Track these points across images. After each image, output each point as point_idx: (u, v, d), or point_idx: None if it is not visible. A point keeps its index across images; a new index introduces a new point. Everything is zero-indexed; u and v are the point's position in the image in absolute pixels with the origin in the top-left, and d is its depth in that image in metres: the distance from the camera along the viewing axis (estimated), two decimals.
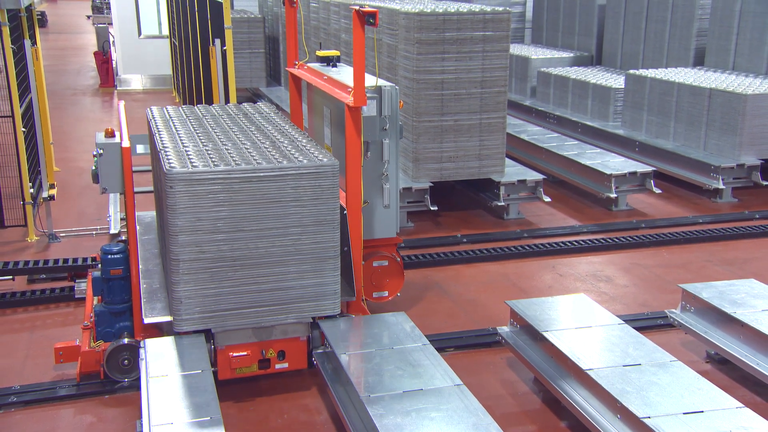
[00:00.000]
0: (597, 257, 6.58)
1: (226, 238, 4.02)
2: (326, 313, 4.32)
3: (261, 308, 4.17)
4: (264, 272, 4.12)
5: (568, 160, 8.17)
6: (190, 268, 4.00)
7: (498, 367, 4.75)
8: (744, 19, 8.79)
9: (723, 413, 3.40)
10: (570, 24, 12.30)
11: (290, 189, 4.07)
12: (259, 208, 4.05)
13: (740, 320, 4.33)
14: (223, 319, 4.13)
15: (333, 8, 9.00)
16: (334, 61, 5.43)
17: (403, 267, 5.21)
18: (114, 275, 4.44)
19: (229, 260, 4.05)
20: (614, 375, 3.75)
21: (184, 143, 4.48)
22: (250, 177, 4.00)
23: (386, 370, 3.86)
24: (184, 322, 4.10)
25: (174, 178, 3.91)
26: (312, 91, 5.63)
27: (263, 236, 4.07)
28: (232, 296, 4.11)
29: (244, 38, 12.19)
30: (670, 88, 8.60)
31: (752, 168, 7.79)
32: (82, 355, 4.38)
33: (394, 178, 4.94)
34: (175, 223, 3.95)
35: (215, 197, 3.96)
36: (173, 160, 4.09)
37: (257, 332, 4.24)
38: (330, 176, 4.13)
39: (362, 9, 4.32)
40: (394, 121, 4.83)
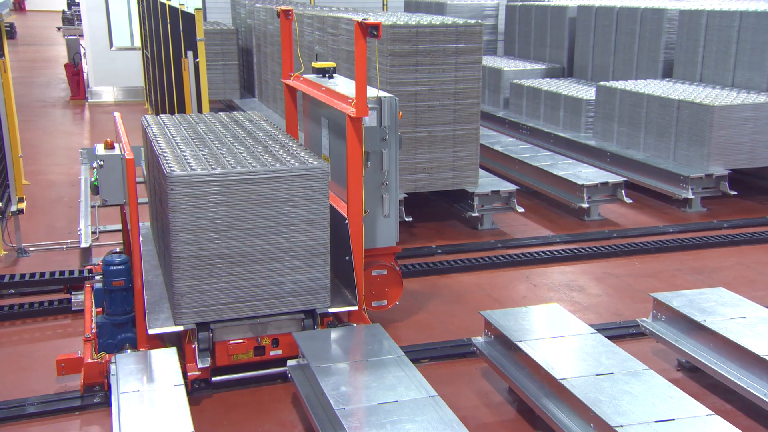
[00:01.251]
0: (570, 267, 6.64)
1: (224, 236, 4.27)
2: (317, 307, 4.55)
3: (256, 302, 4.42)
4: (259, 268, 4.38)
5: (541, 170, 8.25)
6: (189, 265, 4.25)
7: (473, 377, 4.76)
8: (710, 32, 8.97)
9: (693, 421, 3.44)
10: (542, 36, 12.45)
11: (283, 190, 4.33)
12: (254, 208, 4.30)
13: (710, 328, 4.39)
14: (220, 312, 4.37)
15: (306, 20, 9.02)
16: (331, 73, 5.52)
17: (402, 276, 5.26)
18: (116, 287, 4.54)
19: (226, 257, 4.30)
20: (587, 384, 3.78)
21: (182, 148, 4.70)
22: (246, 179, 4.25)
23: (361, 381, 3.85)
24: (184, 316, 4.31)
25: (175, 180, 4.15)
26: (309, 103, 5.69)
27: (258, 234, 4.33)
28: (229, 291, 4.36)
29: (218, 50, 12.16)
30: (640, 100, 8.74)
31: (720, 178, 7.92)
32: (86, 366, 4.41)
33: (393, 188, 5.06)
34: (176, 222, 4.18)
35: (213, 198, 4.22)
36: (173, 164, 4.31)
37: (253, 327, 4.46)
38: (320, 178, 4.39)
39: (365, 21, 4.43)
40: (394, 132, 4.94)
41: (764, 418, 4.15)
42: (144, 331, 4.41)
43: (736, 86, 8.68)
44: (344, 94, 4.81)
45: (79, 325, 5.39)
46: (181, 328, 4.34)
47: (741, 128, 7.89)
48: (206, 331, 4.37)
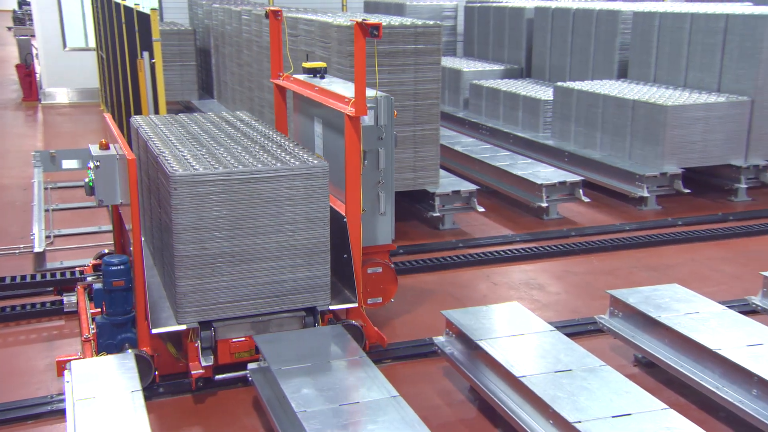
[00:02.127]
0: (530, 266, 6.71)
1: (226, 235, 4.31)
2: (317, 304, 4.60)
3: (258, 300, 4.47)
4: (260, 266, 4.43)
5: (501, 170, 8.33)
6: (192, 264, 4.28)
7: (435, 377, 4.78)
8: (663, 33, 9.17)
9: (649, 415, 3.51)
10: (500, 37, 12.57)
11: (285, 189, 4.38)
12: (256, 207, 4.35)
13: (664, 324, 4.48)
14: (222, 311, 4.41)
15: (265, 21, 8.95)
16: (322, 73, 5.56)
17: (396, 273, 5.32)
18: (116, 287, 4.54)
19: (229, 256, 4.34)
20: (546, 381, 3.83)
21: (179, 149, 4.71)
22: (248, 178, 4.30)
23: (322, 383, 3.84)
24: (187, 314, 4.34)
25: (178, 180, 4.17)
26: (300, 102, 5.69)
27: (259, 233, 4.38)
28: (230, 289, 4.40)
29: (175, 51, 11.99)
30: (596, 100, 8.89)
31: (674, 176, 8.10)
32: None
33: (389, 186, 5.10)
34: (179, 222, 4.21)
35: (216, 197, 4.26)
36: (174, 164, 4.33)
37: (255, 326, 4.50)
38: (321, 176, 4.45)
39: (365, 21, 4.45)
40: (390, 131, 4.98)
41: (717, 411, 4.25)
42: (145, 331, 4.42)
43: (689, 86, 8.89)
44: (340, 93, 4.84)
45: (74, 326, 5.34)
46: (184, 327, 4.36)
47: (693, 127, 8.08)
48: (209, 329, 4.39)
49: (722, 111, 8.12)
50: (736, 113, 8.17)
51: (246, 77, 10.17)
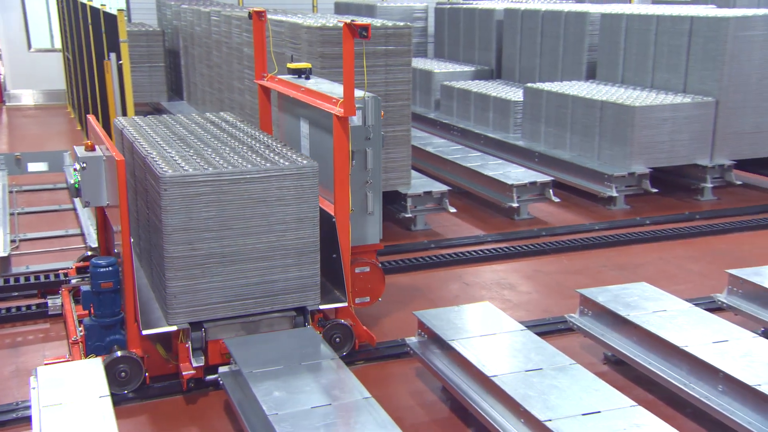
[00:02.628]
0: (501, 266, 6.76)
1: (216, 235, 4.32)
2: (307, 304, 4.62)
3: (248, 300, 4.49)
4: (250, 267, 4.45)
5: (472, 171, 8.37)
6: (182, 265, 4.29)
7: (407, 378, 4.79)
8: (630, 35, 9.29)
9: (618, 412, 3.55)
10: (470, 39, 12.64)
11: (275, 189, 4.40)
12: (246, 208, 4.37)
13: (633, 322, 4.54)
14: (213, 311, 4.41)
15: (235, 22, 8.89)
16: (307, 73, 5.57)
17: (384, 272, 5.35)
18: (105, 288, 4.52)
19: (219, 256, 4.35)
20: (517, 380, 3.85)
21: (166, 150, 4.72)
22: (238, 179, 4.31)
23: (294, 386, 3.82)
24: (177, 315, 4.34)
25: (168, 181, 4.17)
26: (285, 103, 5.70)
27: (250, 233, 4.40)
28: (221, 290, 4.41)
29: (143, 52, 11.86)
30: (565, 101, 8.98)
31: (642, 176, 8.21)
32: None
33: (377, 186, 5.13)
34: (169, 223, 4.21)
35: (206, 198, 4.26)
36: (163, 165, 4.33)
37: (246, 326, 4.51)
38: (310, 177, 4.48)
39: (354, 22, 4.49)
40: (377, 131, 5.01)
41: (684, 407, 4.32)
42: (134, 333, 4.41)
43: (656, 87, 9.02)
44: (328, 94, 4.87)
45: (59, 329, 5.32)
46: (175, 328, 4.35)
47: (660, 128, 8.20)
48: (199, 330, 4.39)
49: (688, 111, 8.25)
50: (702, 114, 8.31)
51: (216, 79, 10.09)
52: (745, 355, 4.08)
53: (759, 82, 8.41)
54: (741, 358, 4.05)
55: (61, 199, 8.47)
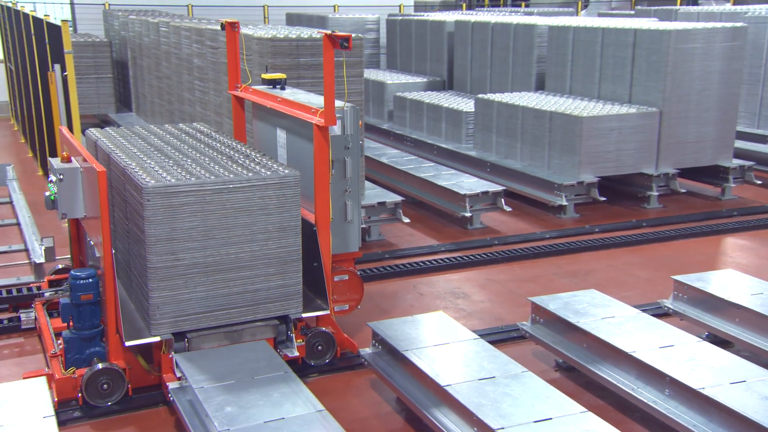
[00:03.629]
0: (455, 275, 6.81)
1: (199, 245, 4.33)
2: (290, 313, 4.64)
3: (231, 310, 4.50)
4: (234, 276, 4.46)
5: (426, 181, 8.43)
6: (165, 275, 4.29)
7: (361, 389, 4.78)
8: (576, 47, 9.50)
9: (569, 419, 3.60)
10: (422, 50, 12.75)
11: (257, 199, 4.42)
12: (229, 217, 4.38)
13: (583, 329, 4.62)
14: (196, 321, 4.41)
15: (184, 33, 8.80)
16: (283, 84, 5.63)
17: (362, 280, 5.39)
18: (85, 300, 4.52)
19: (202, 266, 4.36)
20: (471, 389, 3.88)
21: (145, 160, 4.72)
22: (221, 189, 4.33)
23: (246, 400, 3.77)
24: (161, 326, 4.33)
25: (150, 191, 4.18)
26: (260, 112, 5.73)
27: (233, 243, 4.42)
28: (204, 300, 4.42)
29: (90, 63, 11.64)
30: (516, 112, 9.12)
31: (591, 185, 8.38)
32: (58, 382, 4.41)
33: (356, 194, 5.16)
34: (152, 233, 4.21)
35: (189, 208, 4.27)
36: (144, 175, 4.33)
37: (229, 335, 4.51)
38: (292, 186, 4.51)
39: (334, 33, 4.53)
40: (356, 140, 5.05)
41: (633, 412, 4.41)
42: (116, 344, 4.42)
43: (602, 98, 9.23)
44: (306, 104, 4.92)
45: (34, 343, 5.29)
46: (158, 339, 4.35)
47: (607, 138, 8.39)
48: (182, 340, 4.38)
49: (633, 122, 8.47)
50: (646, 124, 8.54)
51: (166, 90, 9.96)
52: (690, 359, 4.19)
53: (700, 93, 8.68)
54: (686, 362, 4.15)
55: (4, 213, 8.22)
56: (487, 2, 29.38)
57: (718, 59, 8.65)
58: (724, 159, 9.02)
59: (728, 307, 4.96)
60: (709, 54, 8.59)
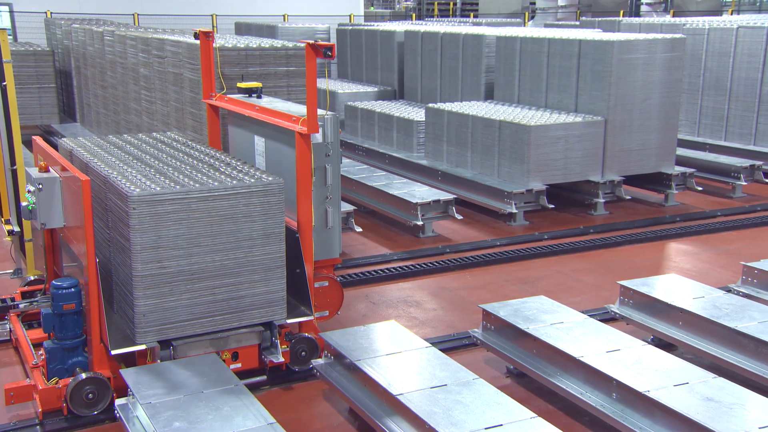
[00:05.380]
0: (407, 283, 6.83)
1: (185, 253, 4.35)
2: (275, 319, 4.68)
3: (216, 317, 4.52)
4: (219, 283, 4.49)
5: (377, 190, 8.44)
6: (151, 283, 4.29)
7: (313, 400, 4.74)
8: (524, 57, 9.67)
9: (519, 425, 3.64)
10: (373, 60, 12.80)
11: (242, 206, 4.46)
12: (214, 225, 4.41)
13: (532, 335, 4.68)
14: (182, 329, 4.42)
15: (130, 42, 8.65)
16: (259, 93, 5.76)
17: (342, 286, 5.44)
18: (67, 310, 4.51)
19: (187, 274, 4.38)
20: (422, 398, 3.89)
21: (127, 169, 4.72)
22: (206, 196, 4.36)
23: (195, 415, 3.71)
24: (146, 334, 4.34)
25: (136, 200, 4.18)
26: (237, 120, 5.77)
27: (218, 250, 4.45)
28: (189, 307, 4.43)
29: (31, 72, 11.36)
30: (466, 121, 9.22)
31: (539, 193, 8.52)
32: (41, 393, 4.39)
33: (336, 201, 5.21)
34: (137, 241, 4.22)
35: (175, 216, 4.28)
36: (128, 184, 4.33)
37: (214, 342, 4.54)
38: (276, 193, 4.56)
39: (317, 43, 4.59)
40: (336, 147, 5.11)
41: (582, 416, 4.48)
42: (101, 353, 4.43)
43: (549, 107, 9.40)
44: (286, 112, 5.00)
45: (10, 354, 5.26)
46: (144, 347, 4.35)
47: (555, 146, 8.55)
48: (168, 348, 4.39)
49: (580, 130, 8.65)
50: (592, 132, 8.73)
51: (111, 100, 9.76)
52: (635, 362, 4.28)
53: (643, 102, 8.92)
54: (632, 366, 4.24)
55: None
56: (436, 13, 29.67)
57: (659, 69, 8.91)
58: (667, 166, 9.29)
59: (672, 311, 5.09)
60: (651, 64, 8.84)
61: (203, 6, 17.15)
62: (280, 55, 6.89)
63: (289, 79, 6.97)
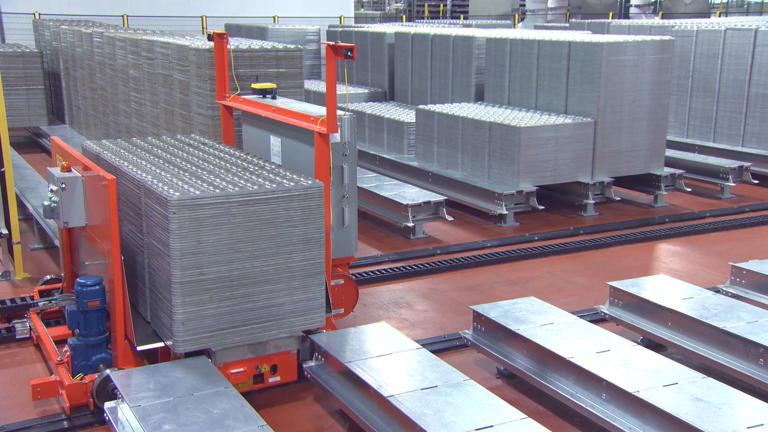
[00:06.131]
0: (398, 285, 6.83)
1: (225, 259, 4.27)
2: (314, 326, 4.62)
3: (256, 325, 4.44)
4: (258, 290, 4.40)
5: (368, 192, 8.44)
6: (191, 291, 4.22)
7: (305, 403, 4.73)
8: (514, 59, 9.70)
9: (509, 425, 3.65)
10: (363, 61, 12.81)
11: (282, 210, 4.39)
12: (254, 230, 4.33)
13: (523, 336, 4.69)
14: (221, 337, 4.35)
15: (119, 43, 8.62)
16: (274, 93, 5.78)
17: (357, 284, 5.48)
18: (91, 307, 4.55)
19: (227, 280, 4.30)
20: (413, 399, 3.89)
21: (161, 173, 4.64)
22: (247, 200, 4.27)
23: (185, 417, 3.69)
24: (185, 343, 4.27)
25: (176, 204, 4.09)
26: (252, 120, 5.82)
27: (258, 256, 4.36)
28: (229, 315, 4.35)
29: (19, 74, 11.29)
30: (456, 122, 9.24)
31: (529, 194, 8.54)
32: (68, 389, 4.44)
33: (353, 200, 5.25)
34: (177, 247, 4.14)
35: (216, 221, 4.21)
36: (166, 188, 4.24)
37: (252, 348, 4.50)
38: (317, 197, 4.49)
39: (338, 44, 4.67)
40: (353, 147, 5.13)
41: (572, 417, 4.49)
42: (124, 350, 4.46)
43: (539, 109, 9.43)
44: (304, 112, 5.04)
45: (31, 352, 5.33)
46: (171, 343, 4.32)
47: (545, 147, 8.57)
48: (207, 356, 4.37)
49: (569, 132, 8.68)
50: (582, 133, 8.76)
51: (100, 101, 9.72)
52: (625, 363, 4.30)
53: (632, 103, 8.96)
54: (622, 366, 4.26)
55: None
56: (426, 14, 29.70)
57: (649, 71, 8.96)
58: (656, 167, 9.33)
59: (661, 311, 5.12)
60: (640, 66, 8.88)
61: (193, 7, 17.12)
62: (270, 57, 6.88)
63: (279, 80, 6.94)
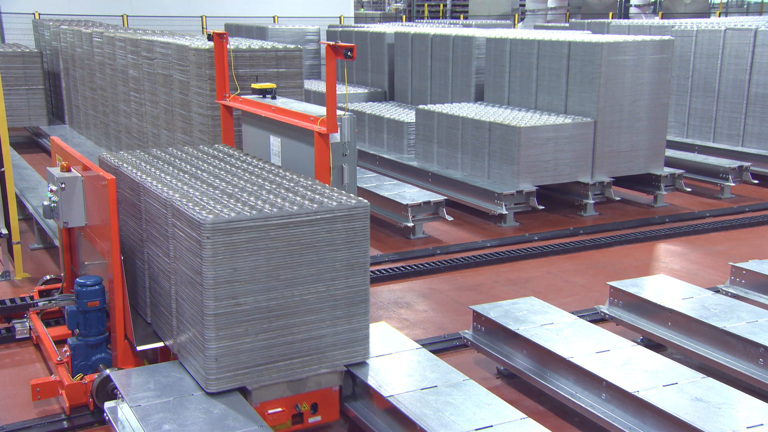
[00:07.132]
0: (398, 285, 6.83)
1: (262, 287, 3.87)
2: (358, 360, 4.22)
3: (295, 359, 4.04)
4: (298, 321, 4.00)
5: (368, 192, 8.44)
6: (225, 323, 3.83)
7: None
8: (513, 59, 9.70)
9: (509, 425, 3.64)
10: (363, 61, 12.81)
11: (324, 233, 3.97)
12: (294, 255, 3.92)
13: (523, 336, 4.69)
14: (258, 374, 3.96)
15: (119, 43, 8.62)
16: (273, 93, 5.83)
17: None
18: (91, 307, 4.54)
19: (265, 311, 3.91)
20: (413, 399, 3.89)
21: (188, 190, 4.26)
22: (287, 223, 3.87)
23: (185, 417, 3.69)
24: (218, 381, 3.89)
25: (210, 228, 3.70)
26: (252, 120, 5.84)
27: (298, 283, 3.96)
28: (266, 349, 3.96)
29: (19, 74, 11.29)
30: (456, 122, 9.23)
31: (529, 194, 8.54)
32: (68, 388, 4.44)
33: None
34: (211, 275, 3.75)
35: (253, 246, 3.80)
36: (196, 209, 3.86)
37: (291, 385, 4.06)
38: (362, 218, 4.06)
39: (338, 44, 4.67)
40: (353, 147, 5.12)
41: (572, 417, 4.49)
42: (124, 350, 4.42)
43: (539, 109, 9.43)
44: (303, 112, 5.07)
45: (30, 352, 5.33)
46: (171, 342, 4.27)
47: (545, 147, 8.57)
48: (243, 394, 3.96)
49: (569, 132, 8.68)
50: (582, 133, 8.76)
51: (100, 101, 9.73)
52: (625, 363, 4.30)
53: (632, 103, 8.96)
54: (622, 366, 4.26)
55: None
56: (426, 14, 29.71)
57: (648, 71, 8.96)
58: (656, 167, 9.33)
59: (661, 311, 5.12)
60: (640, 66, 8.88)
61: (193, 7, 17.12)
62: (270, 57, 6.89)
63: (279, 80, 6.96)
